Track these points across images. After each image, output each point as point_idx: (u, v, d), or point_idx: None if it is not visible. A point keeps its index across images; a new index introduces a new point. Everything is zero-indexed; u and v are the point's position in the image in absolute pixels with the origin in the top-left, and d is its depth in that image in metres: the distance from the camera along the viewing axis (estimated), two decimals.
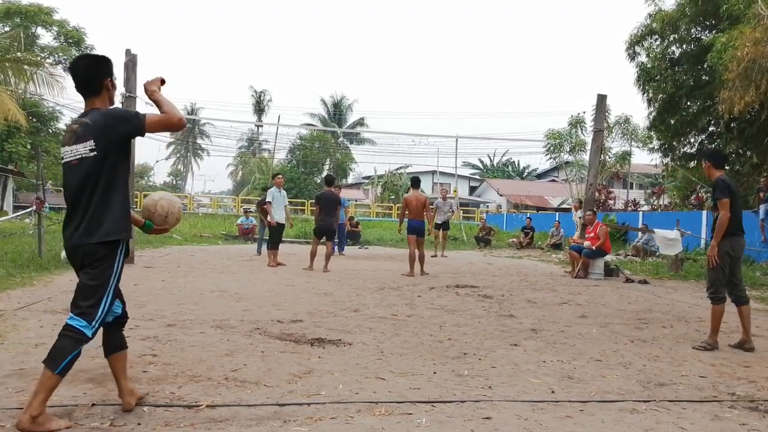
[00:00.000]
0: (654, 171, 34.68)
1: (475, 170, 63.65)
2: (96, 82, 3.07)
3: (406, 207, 11.07)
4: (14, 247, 11.79)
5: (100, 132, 2.95)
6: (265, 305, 6.93)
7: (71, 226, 3.01)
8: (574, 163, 30.56)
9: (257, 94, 58.00)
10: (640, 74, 16.08)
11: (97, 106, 3.06)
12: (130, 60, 11.47)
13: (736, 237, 5.37)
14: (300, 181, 46.15)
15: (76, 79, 3.09)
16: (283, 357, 4.52)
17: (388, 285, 9.26)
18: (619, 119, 27.15)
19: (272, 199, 12.04)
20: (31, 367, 3.98)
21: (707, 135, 17.08)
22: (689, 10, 14.91)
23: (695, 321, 6.85)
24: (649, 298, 8.75)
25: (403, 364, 4.44)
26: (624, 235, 20.42)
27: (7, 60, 15.02)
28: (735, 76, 11.14)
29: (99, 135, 2.95)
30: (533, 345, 5.28)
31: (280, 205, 12.14)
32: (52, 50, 32.57)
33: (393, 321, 6.24)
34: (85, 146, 2.95)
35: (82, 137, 2.97)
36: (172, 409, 3.27)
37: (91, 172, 2.95)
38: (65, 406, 3.23)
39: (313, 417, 3.22)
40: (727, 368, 4.68)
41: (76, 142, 2.98)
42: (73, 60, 3.21)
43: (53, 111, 32.87)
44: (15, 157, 30.55)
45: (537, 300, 8.13)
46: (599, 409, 3.54)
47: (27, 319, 5.60)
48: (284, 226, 12.40)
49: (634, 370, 4.49)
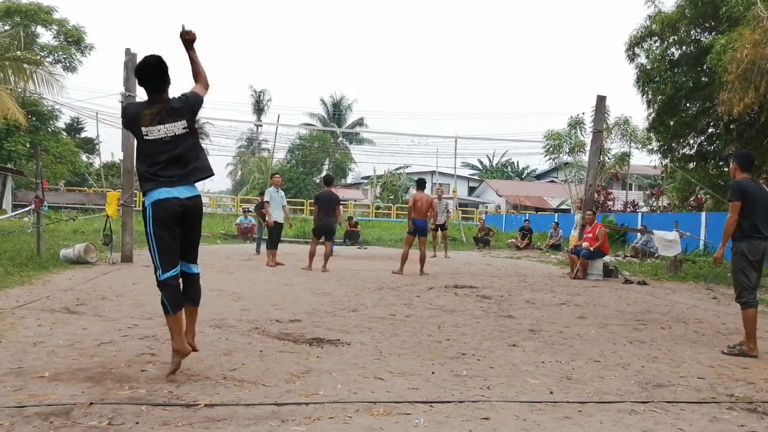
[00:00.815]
0: (653, 172, 34.72)
1: (475, 171, 63.67)
2: (167, 79, 3.84)
3: (412, 206, 11.12)
4: (13, 246, 11.77)
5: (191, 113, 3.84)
6: (263, 305, 6.93)
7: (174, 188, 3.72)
8: (573, 164, 30.56)
9: (257, 93, 57.96)
10: (640, 75, 16.06)
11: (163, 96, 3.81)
12: (129, 59, 11.45)
13: (754, 240, 5.29)
14: (299, 180, 46.17)
15: (154, 77, 3.79)
16: (281, 356, 4.52)
17: (387, 285, 9.27)
18: (618, 120, 27.15)
19: (270, 198, 12.03)
20: (29, 365, 3.98)
21: (707, 136, 17.07)
22: (689, 11, 14.90)
23: (694, 322, 6.86)
24: (648, 299, 8.76)
25: (401, 364, 4.44)
26: (623, 236, 20.43)
27: (6, 59, 15.00)
28: (734, 78, 11.14)
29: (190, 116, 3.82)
30: (532, 345, 5.28)
31: (278, 205, 12.11)
32: (51, 49, 32.54)
33: (391, 321, 6.24)
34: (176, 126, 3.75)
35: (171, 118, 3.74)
36: (171, 408, 3.27)
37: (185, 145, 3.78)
38: (63, 405, 3.23)
39: (312, 416, 3.22)
40: (725, 370, 4.68)
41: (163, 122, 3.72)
42: (148, 63, 3.83)
43: (52, 110, 32.84)
44: (14, 156, 30.52)
45: (536, 300, 8.13)
46: (598, 409, 3.54)
47: (25, 317, 5.60)
48: (282, 226, 12.38)
49: (632, 371, 4.49)
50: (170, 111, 3.76)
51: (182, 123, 3.77)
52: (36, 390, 3.48)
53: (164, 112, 3.73)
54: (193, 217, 3.86)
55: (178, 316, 3.79)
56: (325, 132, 51.82)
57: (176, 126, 3.75)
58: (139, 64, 3.88)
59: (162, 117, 3.72)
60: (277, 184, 12.45)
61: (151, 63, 3.83)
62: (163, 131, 3.71)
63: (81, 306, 6.32)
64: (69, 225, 18.26)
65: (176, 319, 3.78)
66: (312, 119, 56.23)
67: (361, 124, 57.21)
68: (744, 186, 5.34)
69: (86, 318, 5.71)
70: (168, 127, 3.72)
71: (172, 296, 3.78)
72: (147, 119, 3.71)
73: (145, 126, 3.71)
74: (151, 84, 3.82)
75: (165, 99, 3.82)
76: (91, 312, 6.01)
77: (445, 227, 16.38)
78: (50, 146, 31.89)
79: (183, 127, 3.77)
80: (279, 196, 12.21)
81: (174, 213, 3.71)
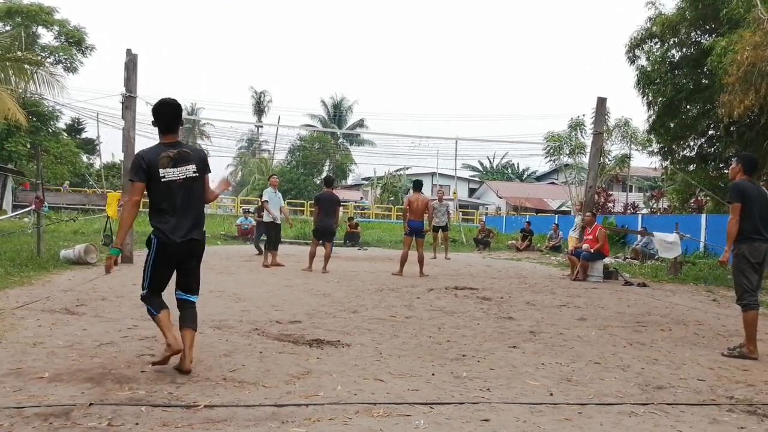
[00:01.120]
0: (653, 174, 34.73)
1: (475, 172, 63.66)
2: (179, 123, 4.19)
3: (408, 208, 11.12)
4: (13, 246, 11.77)
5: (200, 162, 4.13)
6: (263, 306, 6.93)
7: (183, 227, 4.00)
8: (573, 165, 30.54)
9: (257, 94, 58.02)
10: (640, 77, 16.07)
11: (174, 139, 4.13)
12: (130, 60, 11.47)
13: (755, 242, 5.27)
14: (300, 182, 46.15)
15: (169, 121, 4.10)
16: (281, 358, 4.52)
17: (387, 286, 9.26)
18: (618, 122, 27.12)
19: (268, 199, 12.08)
20: (28, 366, 3.98)
21: (707, 138, 17.09)
22: (689, 13, 14.92)
23: (694, 324, 6.86)
24: (648, 301, 8.75)
25: (401, 365, 4.44)
26: (623, 238, 20.43)
27: (7, 59, 15.00)
28: (735, 80, 11.15)
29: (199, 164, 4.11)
30: (532, 347, 5.28)
31: (275, 205, 12.16)
32: (52, 50, 32.56)
33: (392, 322, 6.24)
34: (188, 169, 4.04)
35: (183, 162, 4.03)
36: (170, 409, 3.27)
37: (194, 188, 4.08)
38: (63, 406, 3.23)
39: (312, 418, 3.22)
40: (725, 372, 4.68)
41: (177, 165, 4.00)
42: (165, 105, 4.12)
43: (53, 110, 32.86)
44: (14, 156, 30.53)
45: (536, 302, 8.13)
46: (597, 411, 3.54)
47: (25, 318, 5.60)
48: (281, 227, 12.39)
49: (632, 373, 4.49)
50: (185, 155, 4.07)
51: (193, 167, 4.07)
52: (35, 391, 3.48)
53: (179, 156, 4.04)
54: (194, 254, 4.16)
55: (162, 315, 3.98)
56: (325, 133, 51.83)
57: (188, 169, 4.05)
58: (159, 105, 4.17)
59: (177, 160, 4.02)
60: (275, 185, 12.48)
61: (167, 106, 4.14)
62: (176, 173, 4.01)
63: (81, 307, 6.32)
64: (69, 226, 18.27)
65: (161, 318, 3.98)
66: (312, 120, 56.25)
67: (362, 126, 57.23)
68: (743, 188, 5.33)
69: (86, 319, 5.71)
70: (181, 169, 4.03)
71: (157, 303, 4.05)
72: (164, 162, 3.99)
73: (162, 168, 3.98)
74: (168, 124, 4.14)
75: (179, 142, 4.18)
76: (91, 313, 6.01)
77: (446, 228, 16.42)
78: (51, 147, 31.88)
79: (193, 171, 4.07)
80: (277, 197, 12.27)
81: (175, 252, 4.02)
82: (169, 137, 4.13)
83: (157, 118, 4.12)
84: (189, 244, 4.04)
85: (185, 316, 4.14)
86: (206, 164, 4.20)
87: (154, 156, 4.00)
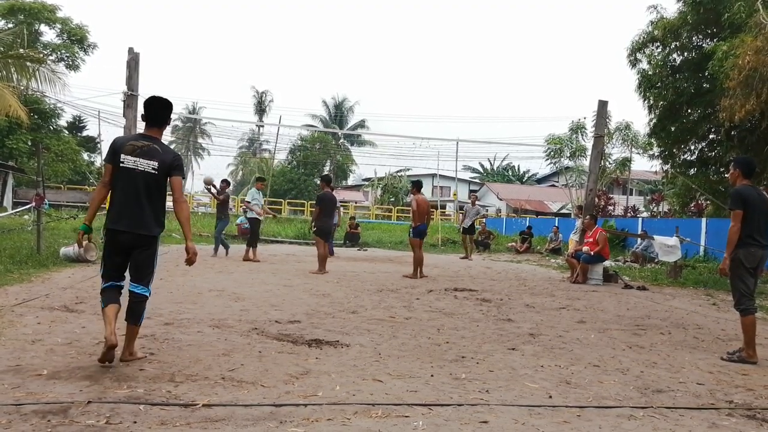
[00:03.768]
0: (654, 178, 34.66)
1: (476, 174, 63.69)
2: (167, 120, 4.33)
3: (417, 210, 11.10)
4: (13, 243, 11.77)
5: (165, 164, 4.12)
6: (263, 305, 6.92)
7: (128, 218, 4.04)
8: (574, 168, 30.55)
9: (259, 94, 58.09)
10: (641, 81, 16.08)
11: (157, 135, 4.24)
12: (132, 58, 11.48)
13: (751, 247, 5.26)
14: (300, 182, 46.15)
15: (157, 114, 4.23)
16: (280, 357, 4.52)
17: (387, 287, 9.26)
18: (619, 125, 27.14)
19: (251, 199, 13.50)
20: (27, 363, 3.98)
21: (707, 143, 17.09)
22: (691, 18, 14.92)
23: (693, 328, 6.85)
24: (648, 304, 8.75)
25: (400, 366, 4.44)
26: (623, 241, 20.42)
27: (9, 56, 14.99)
28: (736, 85, 11.15)
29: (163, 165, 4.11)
30: (531, 349, 5.27)
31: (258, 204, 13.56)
32: (54, 47, 32.59)
33: (391, 323, 6.23)
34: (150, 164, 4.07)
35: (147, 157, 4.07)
36: (169, 407, 3.26)
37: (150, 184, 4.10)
38: (61, 403, 3.22)
39: (310, 418, 3.22)
40: (725, 376, 4.68)
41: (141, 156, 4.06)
42: (157, 99, 4.27)
43: (54, 108, 32.86)
44: (15, 154, 30.52)
45: (535, 304, 8.12)
46: (596, 414, 3.53)
47: (24, 315, 5.59)
48: (260, 223, 13.75)
49: (631, 376, 4.48)
50: (151, 151, 4.10)
51: (154, 164, 4.09)
52: (34, 388, 3.48)
53: (145, 148, 4.09)
54: (140, 246, 4.14)
55: (108, 310, 4.01)
56: (326, 133, 51.85)
57: (148, 164, 4.08)
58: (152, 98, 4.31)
59: (141, 152, 4.07)
60: (260, 189, 13.93)
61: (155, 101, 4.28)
62: (134, 163, 4.06)
63: (80, 304, 6.32)
64: (69, 223, 18.25)
65: (106, 312, 4.02)
66: (314, 120, 56.33)
67: (363, 126, 57.29)
68: (745, 194, 5.31)
69: (85, 316, 5.71)
70: (140, 161, 4.07)
71: (107, 297, 4.09)
72: (128, 148, 4.07)
73: (124, 154, 4.05)
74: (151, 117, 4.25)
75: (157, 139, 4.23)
76: (90, 310, 6.00)
77: (473, 231, 17.44)
78: (52, 144, 31.85)
79: (153, 168, 4.09)
80: (261, 198, 13.78)
81: (117, 240, 4.09)
82: (151, 130, 4.24)
83: (144, 110, 4.26)
84: (131, 237, 4.06)
85: (128, 308, 4.15)
86: (173, 168, 4.17)
87: (124, 141, 4.16)
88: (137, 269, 4.17)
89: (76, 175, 37.90)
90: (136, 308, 4.16)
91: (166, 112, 4.29)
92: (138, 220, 4.06)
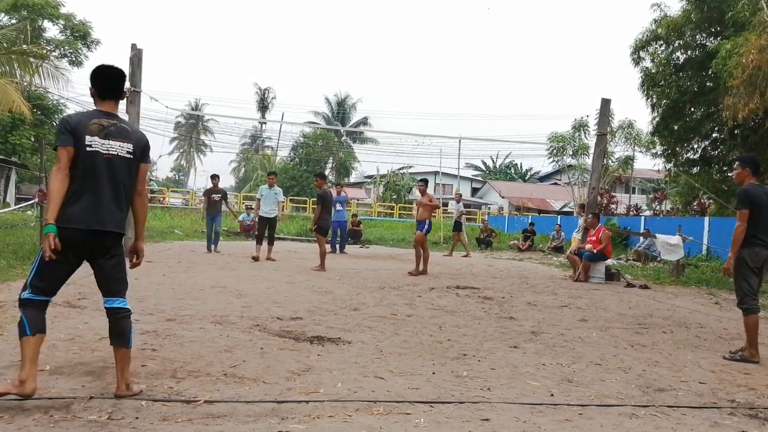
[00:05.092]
0: (657, 176, 34.63)
1: (478, 172, 63.68)
2: (122, 91, 3.57)
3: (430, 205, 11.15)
4: (16, 239, 11.79)
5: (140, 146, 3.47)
6: (265, 302, 6.93)
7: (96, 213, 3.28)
8: (576, 166, 30.50)
9: (261, 91, 58.06)
10: (645, 79, 16.03)
11: (115, 111, 3.50)
12: (135, 55, 11.46)
13: (755, 247, 5.23)
14: (302, 179, 46.15)
15: (112, 85, 3.48)
16: (282, 354, 4.52)
17: (389, 284, 9.26)
18: (622, 124, 27.07)
19: (260, 196, 12.88)
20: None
21: (711, 141, 17.06)
22: (695, 16, 14.88)
23: (695, 327, 6.84)
24: (650, 303, 8.74)
25: (402, 363, 4.44)
26: (625, 240, 20.39)
27: (12, 52, 15.02)
28: (739, 83, 11.12)
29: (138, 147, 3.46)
30: (533, 347, 5.27)
31: (270, 201, 12.73)
32: (58, 43, 32.56)
33: (393, 320, 6.23)
34: (123, 147, 3.38)
35: (119, 137, 3.37)
36: (170, 403, 3.27)
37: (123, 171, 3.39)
38: (63, 398, 3.23)
39: (311, 415, 3.22)
40: (727, 375, 4.67)
41: (110, 138, 3.34)
42: (110, 67, 3.53)
43: (58, 104, 32.88)
44: (18, 149, 30.56)
45: (537, 303, 8.12)
46: (598, 413, 3.53)
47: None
48: (267, 221, 12.77)
49: (633, 375, 4.48)
50: (122, 130, 3.41)
51: (129, 146, 3.40)
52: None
53: (114, 128, 3.37)
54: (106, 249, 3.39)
55: (33, 341, 3.17)
56: (329, 130, 51.83)
57: (122, 147, 3.37)
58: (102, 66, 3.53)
59: (110, 132, 3.35)
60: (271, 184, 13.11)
61: (110, 70, 3.50)
62: (106, 147, 3.32)
63: (83, 300, 6.33)
64: None
65: (30, 343, 3.16)
66: (316, 117, 56.32)
67: (365, 124, 57.27)
68: (752, 193, 5.27)
69: (88, 312, 5.72)
70: (113, 144, 3.34)
71: (34, 319, 3.22)
72: (94, 128, 3.31)
73: (90, 135, 3.28)
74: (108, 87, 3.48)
75: (117, 115, 3.49)
76: (92, 306, 6.01)
77: (459, 228, 17.46)
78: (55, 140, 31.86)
79: (128, 151, 3.40)
80: (272, 193, 12.84)
81: (77, 241, 3.24)
82: (108, 104, 3.45)
83: (96, 79, 3.43)
84: (99, 237, 3.30)
85: (113, 329, 3.39)
86: (146, 152, 3.51)
87: (85, 119, 3.32)
88: (112, 279, 3.43)
89: None
90: (123, 326, 3.40)
91: (122, 83, 3.54)
92: (111, 216, 3.32)
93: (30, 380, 3.11)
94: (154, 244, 15.37)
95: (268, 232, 12.60)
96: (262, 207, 12.74)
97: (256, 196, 13.12)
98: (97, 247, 3.33)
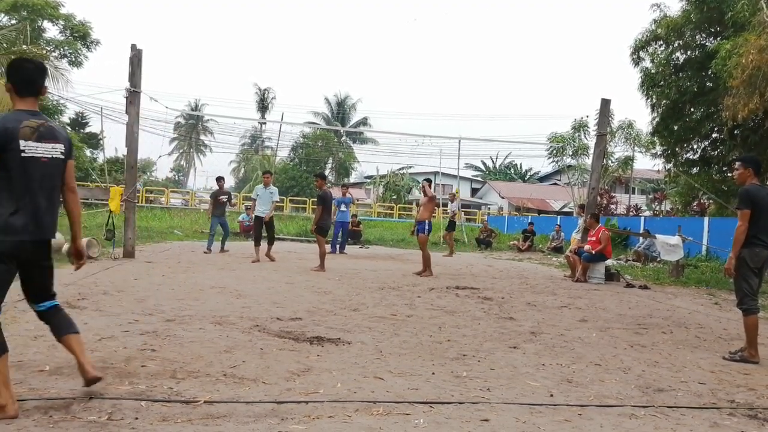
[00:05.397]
0: (656, 176, 34.63)
1: (478, 172, 63.67)
2: (42, 86, 3.34)
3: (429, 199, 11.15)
4: None
5: (68, 144, 3.31)
6: (264, 302, 6.93)
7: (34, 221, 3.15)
8: (576, 166, 30.54)
9: (261, 91, 58.03)
10: (644, 79, 16.03)
11: (36, 107, 3.26)
12: (135, 55, 11.46)
13: (756, 247, 5.23)
14: (302, 179, 46.14)
15: (32, 79, 3.25)
16: (281, 355, 4.52)
17: (388, 285, 9.26)
18: (622, 124, 27.12)
19: (256, 195, 12.73)
20: (29, 359, 3.99)
21: (710, 142, 17.05)
22: (694, 16, 14.87)
23: (695, 327, 6.84)
24: (650, 303, 8.74)
25: (401, 364, 4.44)
26: (625, 240, 20.40)
27: (12, 52, 15.05)
28: (739, 84, 11.11)
29: (67, 146, 3.29)
30: (532, 348, 5.27)
31: (263, 201, 12.59)
32: (57, 44, 32.55)
33: (392, 321, 6.24)
34: (56, 148, 3.21)
35: (50, 138, 3.19)
36: (170, 404, 3.27)
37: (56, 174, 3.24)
38: (63, 399, 3.23)
39: (311, 415, 3.22)
40: (726, 375, 4.67)
41: (43, 140, 3.16)
42: (28, 60, 3.40)
43: (57, 104, 32.87)
44: None
45: (537, 303, 8.12)
46: (598, 413, 3.53)
47: (27, 311, 5.56)
48: (262, 221, 12.59)
49: (633, 375, 4.48)
50: (51, 130, 3.22)
51: (61, 147, 3.24)
52: (36, 383, 3.49)
53: (44, 129, 3.18)
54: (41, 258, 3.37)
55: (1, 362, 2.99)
56: (328, 131, 51.82)
57: (55, 148, 3.21)
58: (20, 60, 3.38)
59: (42, 134, 3.16)
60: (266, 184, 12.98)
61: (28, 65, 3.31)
62: (42, 150, 3.15)
63: (82, 301, 6.32)
64: None
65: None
66: (316, 118, 56.35)
67: (365, 124, 57.30)
68: (753, 194, 5.26)
69: (87, 313, 5.72)
70: (47, 146, 3.17)
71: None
72: (26, 132, 3.10)
73: (24, 140, 3.08)
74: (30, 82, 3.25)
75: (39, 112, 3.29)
76: (92, 307, 6.01)
77: (453, 227, 17.65)
78: None
79: (61, 152, 3.23)
80: (268, 193, 12.69)
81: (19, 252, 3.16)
82: (29, 101, 3.21)
83: (14, 74, 3.22)
84: (42, 245, 3.27)
85: (56, 324, 3.36)
86: (72, 148, 3.37)
87: (14, 123, 3.08)
88: (44, 284, 3.44)
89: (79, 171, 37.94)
90: (63, 316, 3.43)
91: (42, 78, 3.32)
92: (49, 223, 3.22)
93: (9, 404, 2.96)
94: (154, 244, 15.37)
95: (267, 232, 12.54)
96: (257, 207, 12.61)
97: (252, 196, 13.03)
98: (40, 255, 3.30)
